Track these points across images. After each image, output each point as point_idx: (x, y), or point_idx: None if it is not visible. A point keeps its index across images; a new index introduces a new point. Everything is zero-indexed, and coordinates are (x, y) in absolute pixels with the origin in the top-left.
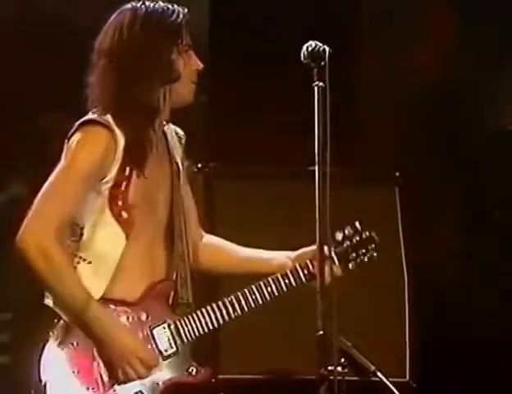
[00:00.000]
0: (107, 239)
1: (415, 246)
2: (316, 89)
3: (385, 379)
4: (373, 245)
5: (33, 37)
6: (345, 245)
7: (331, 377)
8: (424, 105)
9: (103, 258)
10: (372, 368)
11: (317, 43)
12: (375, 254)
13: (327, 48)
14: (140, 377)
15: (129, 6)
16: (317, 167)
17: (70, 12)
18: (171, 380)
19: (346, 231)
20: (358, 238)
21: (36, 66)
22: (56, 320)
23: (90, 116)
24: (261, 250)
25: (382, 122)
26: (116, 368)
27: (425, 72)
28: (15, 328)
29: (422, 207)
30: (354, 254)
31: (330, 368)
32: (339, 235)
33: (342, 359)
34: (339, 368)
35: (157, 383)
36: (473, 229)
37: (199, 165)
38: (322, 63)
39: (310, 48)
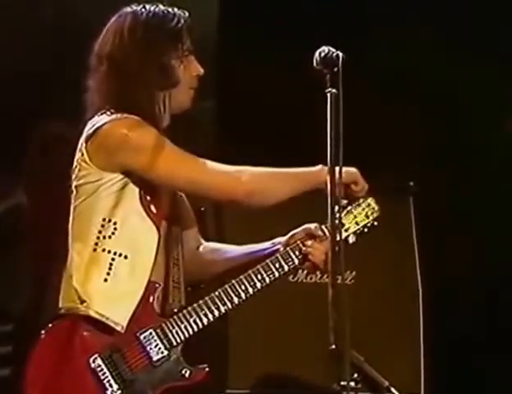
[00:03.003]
0: (141, 231)
1: (430, 256)
2: (329, 95)
3: None
4: (373, 214)
5: (36, 40)
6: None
7: (344, 393)
8: (438, 112)
9: (139, 251)
10: (386, 383)
11: (330, 48)
12: (376, 224)
13: (341, 54)
14: None
15: (129, 9)
16: (329, 175)
17: (71, 15)
18: (165, 385)
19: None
20: (354, 207)
21: (38, 74)
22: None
23: (110, 116)
24: (253, 245)
25: (395, 130)
26: None
27: (437, 79)
28: (16, 341)
29: (437, 216)
30: (353, 227)
31: (343, 383)
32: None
33: (355, 374)
34: (352, 383)
35: (152, 390)
36: (487, 239)
37: None
38: (336, 69)
39: (323, 54)
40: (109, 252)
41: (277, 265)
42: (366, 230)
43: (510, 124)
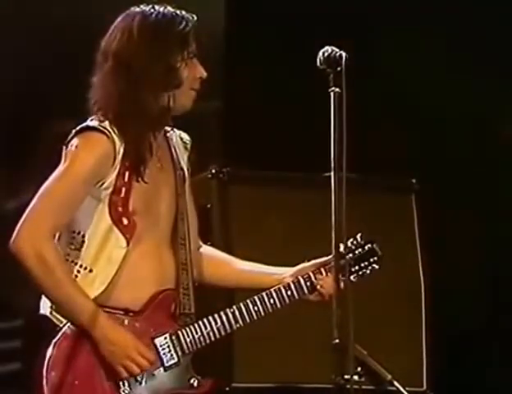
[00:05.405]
0: (108, 246)
1: (432, 253)
2: (332, 94)
3: (401, 388)
4: (375, 258)
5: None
6: (347, 257)
7: (347, 386)
8: (440, 111)
9: (105, 265)
10: (389, 377)
11: (334, 48)
12: (376, 267)
13: (344, 54)
14: (142, 370)
15: (138, 9)
16: (333, 174)
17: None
18: (172, 391)
19: (349, 243)
20: (360, 250)
21: (51, 72)
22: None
23: (89, 122)
24: (261, 265)
25: (398, 128)
26: (118, 365)
27: (438, 79)
28: (26, 335)
29: (439, 214)
30: (356, 267)
31: (346, 376)
32: (341, 248)
33: (358, 368)
34: (355, 377)
35: None
36: (488, 235)
37: (214, 170)
38: (339, 69)
39: (326, 54)
40: (76, 264)
41: (289, 292)
42: (368, 272)
43: (507, 134)
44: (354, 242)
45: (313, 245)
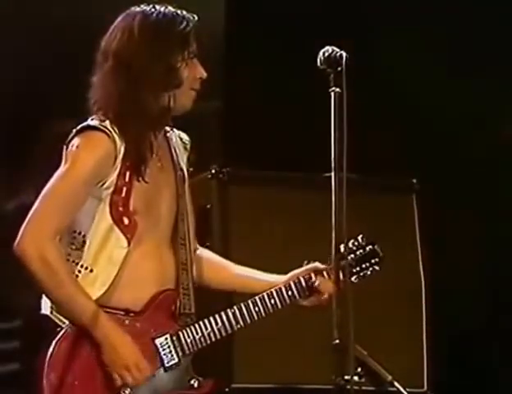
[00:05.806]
0: (108, 245)
1: (432, 253)
2: (332, 94)
3: (402, 389)
4: (377, 259)
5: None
6: (348, 258)
7: (348, 387)
8: (440, 111)
9: (106, 265)
10: (389, 377)
11: (334, 48)
12: (377, 268)
13: (344, 54)
14: (136, 383)
15: (138, 9)
16: (333, 174)
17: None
18: (172, 392)
19: (350, 244)
20: (361, 251)
21: (51, 72)
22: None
23: (89, 122)
24: (257, 271)
25: (398, 128)
26: (114, 373)
27: (438, 79)
28: (25, 335)
29: (439, 214)
30: (357, 268)
31: (346, 377)
32: (342, 248)
33: (358, 369)
34: (355, 378)
35: None
36: (488, 235)
37: (214, 170)
38: (339, 69)
39: (327, 54)
40: (77, 264)
41: (290, 293)
42: (369, 273)
43: (507, 134)
44: (356, 243)
45: (313, 246)
